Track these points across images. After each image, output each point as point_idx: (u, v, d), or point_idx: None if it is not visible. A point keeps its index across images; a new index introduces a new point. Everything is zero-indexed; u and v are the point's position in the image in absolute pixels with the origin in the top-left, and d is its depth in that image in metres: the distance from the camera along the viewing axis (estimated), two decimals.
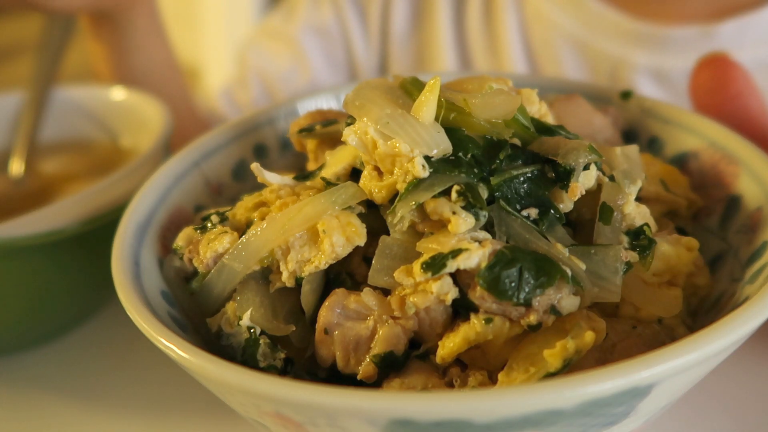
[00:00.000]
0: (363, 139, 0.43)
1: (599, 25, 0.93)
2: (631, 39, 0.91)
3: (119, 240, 0.46)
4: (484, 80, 0.47)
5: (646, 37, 0.90)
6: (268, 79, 1.09)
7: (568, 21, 0.95)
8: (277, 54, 1.10)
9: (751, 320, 0.35)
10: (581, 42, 0.94)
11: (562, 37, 0.95)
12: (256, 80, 1.09)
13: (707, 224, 0.51)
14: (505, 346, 0.40)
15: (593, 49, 0.94)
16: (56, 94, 0.81)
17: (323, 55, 1.09)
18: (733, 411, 0.51)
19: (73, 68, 0.98)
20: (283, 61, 1.09)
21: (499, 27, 0.99)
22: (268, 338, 0.43)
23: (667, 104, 0.56)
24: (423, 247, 0.41)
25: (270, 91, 1.09)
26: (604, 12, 0.93)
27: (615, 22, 0.92)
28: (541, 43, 0.97)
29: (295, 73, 1.09)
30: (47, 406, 0.58)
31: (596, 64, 0.94)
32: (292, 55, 1.09)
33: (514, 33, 0.98)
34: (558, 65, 0.96)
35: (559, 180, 0.43)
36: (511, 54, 0.98)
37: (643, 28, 0.90)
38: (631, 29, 0.91)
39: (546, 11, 0.96)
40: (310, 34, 1.09)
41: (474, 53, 1.02)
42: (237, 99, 1.09)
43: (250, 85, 1.09)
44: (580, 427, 0.35)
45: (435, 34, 1.03)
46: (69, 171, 0.76)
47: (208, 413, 0.54)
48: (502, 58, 0.99)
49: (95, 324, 0.66)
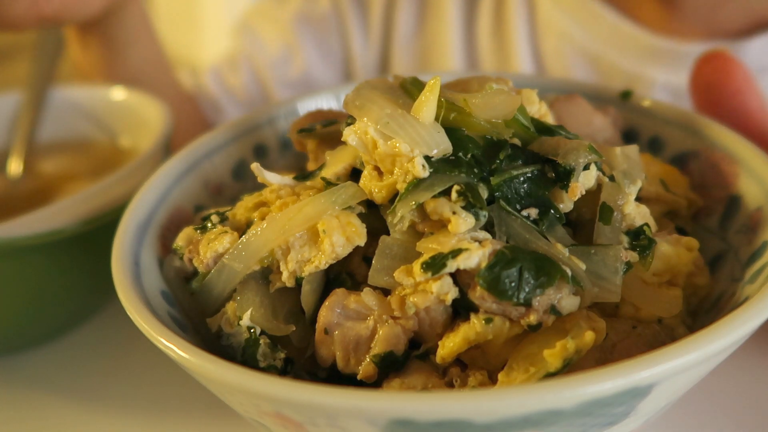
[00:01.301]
0: (363, 139, 0.43)
1: (614, 38, 0.88)
2: (649, 54, 0.86)
3: (119, 240, 0.46)
4: (485, 80, 0.47)
5: (665, 53, 0.85)
6: (258, 65, 1.06)
7: (580, 32, 0.90)
8: (269, 39, 1.06)
9: (751, 320, 0.35)
10: (594, 55, 0.89)
11: (574, 49, 0.91)
12: (246, 64, 1.07)
13: (707, 224, 0.51)
14: (505, 346, 0.40)
15: (607, 64, 0.88)
16: (56, 94, 0.81)
17: (316, 46, 1.06)
18: (733, 411, 0.51)
19: (71, 68, 0.98)
20: (274, 46, 1.06)
21: (509, 35, 0.95)
22: (268, 338, 0.43)
23: (667, 104, 0.56)
24: (423, 247, 0.41)
25: (259, 77, 1.06)
26: (620, 24, 0.87)
27: (632, 35, 0.87)
28: (552, 54, 0.93)
29: (286, 62, 1.06)
30: (47, 406, 0.58)
31: (609, 79, 0.89)
32: (283, 42, 1.06)
33: (524, 42, 0.94)
34: (568, 77, 0.91)
35: (559, 180, 0.43)
36: (520, 63, 0.94)
37: (663, 44, 0.85)
38: (649, 44, 0.86)
39: (557, 20, 0.92)
40: (304, 23, 1.06)
41: (482, 61, 0.98)
42: (226, 80, 1.07)
43: (240, 69, 1.07)
44: (580, 427, 0.35)
45: (442, 37, 1.00)
46: (69, 171, 0.76)
47: (208, 413, 0.55)
48: (511, 67, 0.95)
49: (95, 324, 0.66)
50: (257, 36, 1.08)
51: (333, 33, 1.06)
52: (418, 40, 1.03)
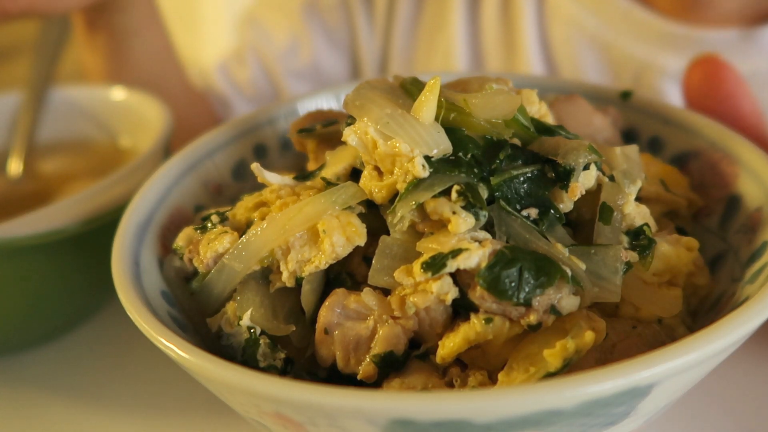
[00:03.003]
0: (363, 139, 0.43)
1: (625, 24, 0.85)
2: (661, 41, 0.83)
3: (119, 240, 0.46)
4: (485, 80, 0.47)
5: (678, 39, 0.82)
6: (266, 58, 1.05)
7: (590, 18, 0.87)
8: (277, 29, 1.05)
9: (751, 320, 0.35)
10: (604, 42, 0.86)
11: (584, 36, 0.88)
12: (253, 57, 1.05)
13: (707, 224, 0.51)
14: (505, 346, 0.40)
15: (617, 51, 0.86)
16: (56, 94, 0.81)
17: (325, 34, 1.04)
18: (732, 411, 0.51)
19: (71, 68, 0.98)
20: (283, 37, 1.04)
21: (516, 22, 0.92)
22: (268, 338, 0.43)
23: (667, 104, 0.56)
24: (423, 247, 0.41)
25: (268, 70, 1.05)
26: (631, 10, 0.85)
27: (644, 21, 0.84)
28: (561, 43, 0.90)
29: (294, 52, 1.04)
30: (47, 406, 0.58)
31: (619, 67, 0.86)
32: (291, 31, 1.04)
33: (533, 29, 0.91)
34: (577, 67, 0.89)
35: (559, 180, 0.43)
36: (528, 53, 0.91)
37: (676, 29, 0.82)
38: (661, 30, 0.83)
39: (567, 7, 0.89)
40: (311, 11, 1.03)
41: (488, 51, 0.95)
42: (234, 76, 1.06)
43: (248, 62, 1.05)
44: (580, 427, 0.35)
45: (446, 26, 0.96)
46: (69, 171, 0.76)
47: (208, 413, 0.54)
48: (518, 56, 0.92)
49: (95, 324, 0.66)
50: (263, 27, 1.06)
51: (340, 21, 1.04)
52: (422, 27, 1.00)
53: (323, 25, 1.05)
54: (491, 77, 0.48)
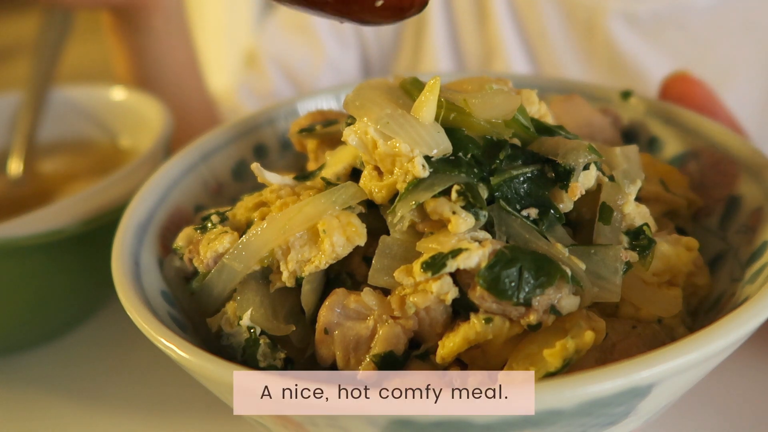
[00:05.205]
0: (363, 139, 0.43)
1: None
2: None
3: (119, 240, 0.46)
4: (484, 80, 0.47)
5: None
6: (287, 65, 1.09)
7: None
8: (291, 38, 1.10)
9: (751, 320, 0.35)
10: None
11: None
12: (274, 68, 1.09)
13: (707, 224, 0.51)
14: (505, 346, 0.40)
15: (570, 2, 0.98)
16: (56, 94, 0.81)
17: (334, 35, 1.09)
18: (732, 411, 0.51)
19: (71, 68, 0.98)
20: (298, 45, 1.09)
21: None
22: (268, 338, 0.43)
23: (667, 104, 0.56)
24: (423, 247, 0.41)
25: (291, 76, 1.09)
26: None
27: None
28: (527, 5, 1.01)
29: (310, 56, 1.09)
30: (47, 406, 0.58)
31: (572, 15, 0.99)
32: (303, 37, 1.09)
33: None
34: (541, 23, 1.00)
35: (559, 180, 0.43)
36: (498, 19, 1.01)
37: None
38: None
39: None
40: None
41: (461, 19, 1.03)
42: (256, 90, 1.09)
43: (269, 74, 1.09)
44: (580, 427, 0.35)
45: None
46: (69, 171, 0.76)
47: (208, 413, 0.55)
48: (489, 22, 1.01)
49: (95, 324, 0.66)
50: (278, 39, 1.11)
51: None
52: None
53: (331, 26, 1.08)
54: (491, 77, 0.49)
